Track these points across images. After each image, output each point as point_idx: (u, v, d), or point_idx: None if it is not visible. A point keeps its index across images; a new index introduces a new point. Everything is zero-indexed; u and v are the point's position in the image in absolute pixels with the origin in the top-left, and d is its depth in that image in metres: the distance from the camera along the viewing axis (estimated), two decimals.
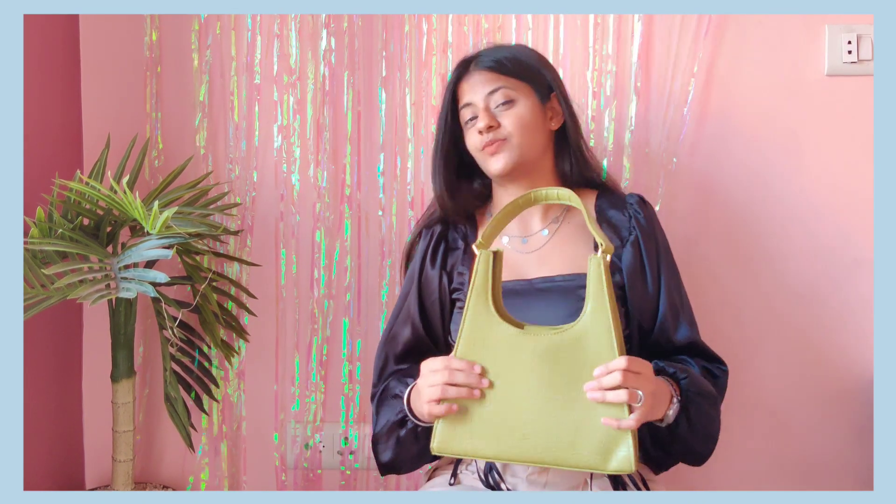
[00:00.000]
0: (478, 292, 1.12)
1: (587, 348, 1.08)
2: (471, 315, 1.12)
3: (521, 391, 1.09)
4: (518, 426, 1.09)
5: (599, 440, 1.07)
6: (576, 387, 1.08)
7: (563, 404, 1.08)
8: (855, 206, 1.62)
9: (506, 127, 1.32)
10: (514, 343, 1.10)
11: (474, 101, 1.34)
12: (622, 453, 1.07)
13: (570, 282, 1.29)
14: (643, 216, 1.35)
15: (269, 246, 1.71)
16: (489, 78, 1.34)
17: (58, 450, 1.66)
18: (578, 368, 1.08)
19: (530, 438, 1.08)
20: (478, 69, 1.35)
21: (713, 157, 1.64)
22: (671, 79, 1.63)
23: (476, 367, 1.11)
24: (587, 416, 1.07)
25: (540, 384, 1.08)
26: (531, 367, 1.09)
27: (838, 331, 1.64)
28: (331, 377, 1.72)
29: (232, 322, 1.65)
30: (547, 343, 1.09)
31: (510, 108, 1.33)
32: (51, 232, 1.40)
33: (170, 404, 1.61)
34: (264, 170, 1.70)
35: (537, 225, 1.37)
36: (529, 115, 1.33)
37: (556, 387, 1.08)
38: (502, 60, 1.35)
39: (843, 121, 1.61)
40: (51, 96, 1.62)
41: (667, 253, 1.35)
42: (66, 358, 1.70)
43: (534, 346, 1.10)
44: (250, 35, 1.68)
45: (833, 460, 1.66)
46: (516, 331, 1.11)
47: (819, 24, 1.61)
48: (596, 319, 1.09)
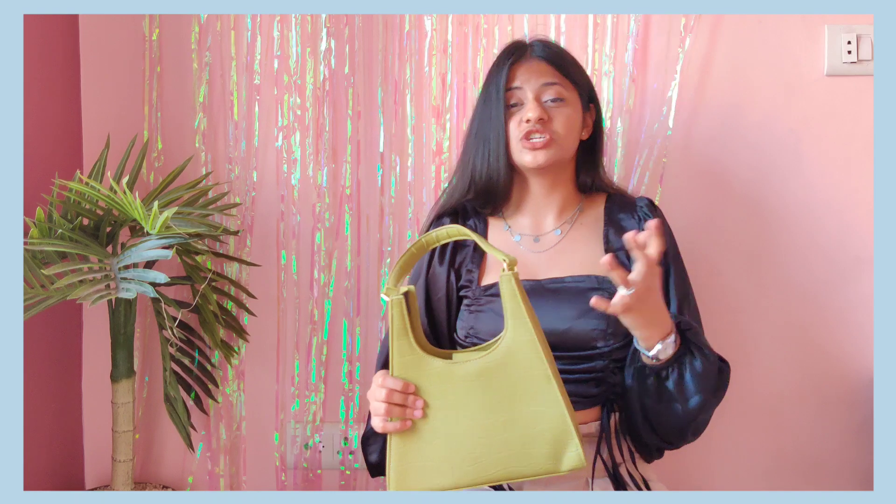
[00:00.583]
0: (398, 336, 1.12)
1: (516, 364, 1.09)
2: (397, 359, 1.12)
3: (462, 419, 1.10)
4: (468, 452, 1.10)
5: (547, 447, 1.09)
6: (513, 404, 1.09)
7: (506, 423, 1.09)
8: (855, 206, 1.62)
9: (554, 124, 1.29)
10: (444, 374, 1.11)
11: (525, 87, 1.30)
12: (571, 453, 1.09)
13: (580, 283, 1.29)
14: (652, 219, 1.34)
15: (269, 246, 1.71)
16: (546, 70, 1.31)
17: (58, 450, 1.66)
18: (512, 386, 1.09)
19: (482, 460, 1.10)
20: (535, 57, 1.32)
21: (713, 156, 1.64)
22: (671, 79, 1.63)
23: (410, 386, 1.11)
24: (530, 428, 1.09)
25: (479, 408, 1.10)
26: (466, 393, 1.10)
27: (838, 330, 1.64)
28: (331, 377, 1.72)
29: (232, 322, 1.65)
30: (476, 368, 1.10)
31: (561, 108, 1.30)
32: (51, 232, 1.40)
33: (169, 404, 1.61)
34: (264, 170, 1.70)
35: (550, 224, 1.36)
36: (575, 118, 1.32)
37: (495, 408, 1.09)
38: (563, 56, 1.33)
39: (843, 121, 1.62)
40: (51, 96, 1.62)
41: (676, 257, 1.35)
42: (66, 358, 1.70)
43: (464, 373, 1.10)
44: (250, 35, 1.68)
45: (833, 460, 1.66)
46: (444, 362, 1.11)
47: (819, 24, 1.61)
48: (518, 335, 1.10)
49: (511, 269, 1.10)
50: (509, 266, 1.10)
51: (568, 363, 1.26)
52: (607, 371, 1.26)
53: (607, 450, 1.26)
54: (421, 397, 1.11)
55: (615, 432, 1.28)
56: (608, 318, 1.25)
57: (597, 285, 1.28)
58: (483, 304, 1.31)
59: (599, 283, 1.28)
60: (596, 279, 1.29)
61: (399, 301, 1.12)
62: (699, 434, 1.29)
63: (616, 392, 1.28)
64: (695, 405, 1.22)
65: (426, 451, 1.12)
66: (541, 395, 1.09)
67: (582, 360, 1.26)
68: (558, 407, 1.09)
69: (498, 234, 1.37)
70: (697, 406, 1.22)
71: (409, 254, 1.17)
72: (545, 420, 1.08)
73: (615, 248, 1.31)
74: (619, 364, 1.27)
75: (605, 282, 1.28)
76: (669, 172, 1.64)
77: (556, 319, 1.24)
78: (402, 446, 1.13)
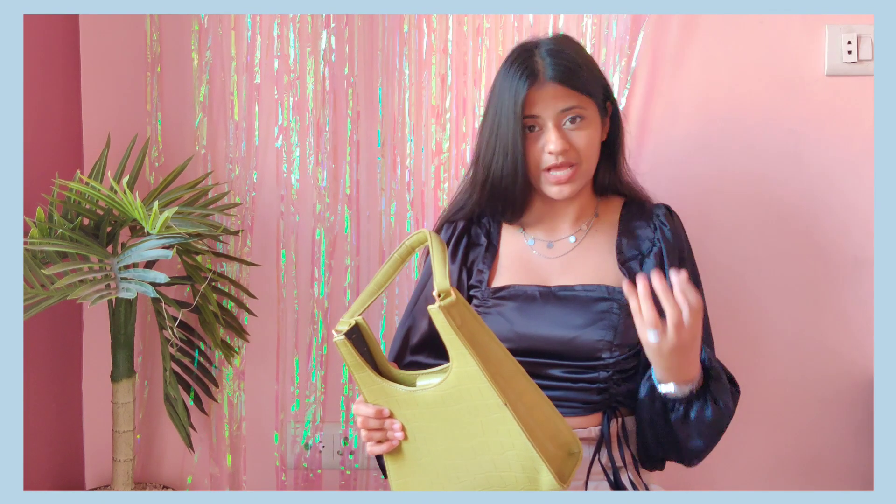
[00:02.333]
0: (355, 371, 1.10)
1: (469, 395, 1.06)
2: (364, 390, 1.11)
3: (438, 440, 1.09)
4: (449, 471, 1.10)
5: (520, 473, 1.06)
6: (476, 432, 1.06)
7: (474, 447, 1.07)
8: (855, 206, 1.62)
9: (578, 149, 1.24)
10: (408, 401, 1.10)
11: (543, 115, 1.24)
12: (544, 478, 1.05)
13: (590, 293, 1.27)
14: (669, 228, 1.32)
15: (269, 246, 1.71)
16: (562, 93, 1.23)
17: (58, 450, 1.66)
18: (471, 415, 1.06)
19: (464, 480, 1.09)
20: (550, 80, 1.23)
21: (713, 156, 1.64)
22: (670, 78, 1.63)
23: (384, 411, 1.10)
24: (499, 455, 1.06)
25: (447, 434, 1.09)
26: (433, 418, 1.09)
27: (838, 330, 1.64)
28: (331, 377, 1.72)
29: (232, 322, 1.65)
30: (434, 396, 1.08)
31: (582, 129, 1.25)
32: (51, 232, 1.40)
33: (169, 404, 1.61)
34: (264, 170, 1.70)
35: (566, 230, 1.34)
36: (595, 135, 1.27)
37: (462, 434, 1.07)
38: (575, 72, 1.24)
39: (843, 121, 1.61)
40: (51, 96, 1.62)
41: (691, 268, 1.32)
42: (66, 358, 1.70)
43: (424, 401, 1.08)
44: (250, 35, 1.68)
45: (833, 460, 1.66)
46: (406, 390, 1.10)
47: (819, 24, 1.61)
48: (461, 366, 1.05)
49: (444, 300, 1.03)
50: (440, 296, 1.03)
51: (571, 371, 1.25)
52: (610, 382, 1.25)
53: (607, 454, 1.25)
54: (396, 420, 1.10)
55: (617, 438, 1.27)
56: (615, 329, 1.24)
57: (607, 295, 1.27)
58: (490, 306, 1.30)
59: (609, 294, 1.27)
60: (606, 289, 1.27)
61: (343, 342, 1.10)
62: (701, 460, 1.27)
63: (618, 400, 1.28)
64: (693, 447, 1.21)
65: (416, 469, 1.12)
66: (500, 424, 1.05)
67: (586, 369, 1.25)
68: (519, 436, 1.04)
69: (511, 237, 1.36)
70: (696, 449, 1.21)
71: (385, 274, 1.13)
72: (510, 448, 1.05)
73: (627, 258, 1.30)
74: (623, 375, 1.27)
75: (615, 292, 1.26)
76: (669, 173, 1.64)
77: (564, 327, 1.23)
78: (394, 465, 1.13)
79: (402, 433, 1.10)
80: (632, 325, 1.23)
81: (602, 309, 1.26)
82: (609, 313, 1.25)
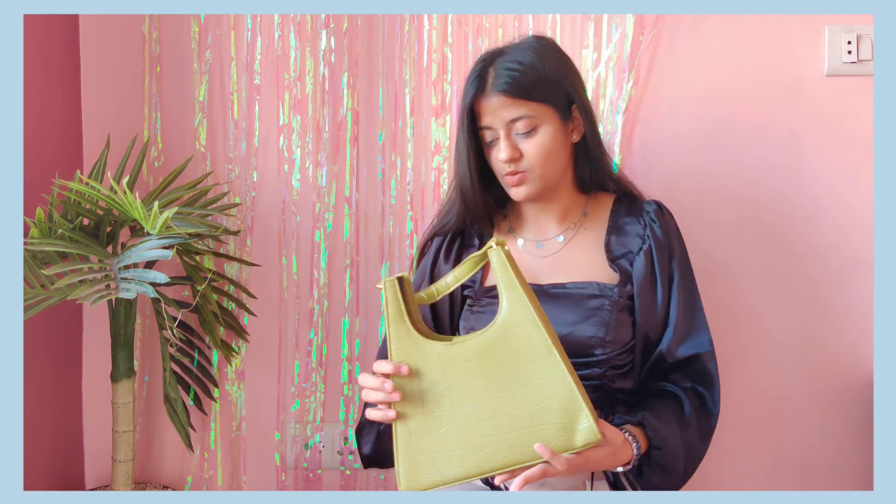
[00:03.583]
0: (394, 320, 1.09)
1: (515, 337, 1.07)
2: (395, 345, 1.09)
3: (467, 402, 1.07)
4: (477, 438, 1.07)
5: (557, 421, 1.05)
6: (516, 380, 1.06)
7: (511, 399, 1.06)
8: (855, 206, 1.62)
9: (528, 157, 1.26)
10: (445, 356, 1.08)
11: (494, 125, 1.27)
12: (583, 426, 1.05)
13: (581, 290, 1.28)
14: (658, 225, 1.32)
15: (269, 246, 1.71)
16: (508, 103, 1.25)
17: (58, 450, 1.66)
18: (513, 360, 1.06)
19: (491, 445, 1.07)
20: (496, 91, 1.25)
21: (713, 156, 1.64)
22: (670, 78, 1.63)
23: (403, 368, 1.09)
24: (537, 403, 1.06)
25: (483, 387, 1.07)
26: (468, 373, 1.07)
27: (838, 330, 1.64)
28: (331, 377, 1.72)
29: (232, 322, 1.65)
30: (475, 346, 1.07)
31: (532, 137, 1.26)
32: (51, 232, 1.40)
33: (169, 404, 1.61)
34: (264, 170, 1.70)
35: (553, 230, 1.35)
36: (551, 142, 1.27)
37: (498, 384, 1.07)
38: (522, 83, 1.24)
39: (843, 121, 1.61)
40: (51, 96, 1.62)
41: (683, 264, 1.33)
42: (66, 358, 1.70)
43: (464, 352, 1.08)
44: (250, 35, 1.68)
45: (833, 460, 1.66)
46: (443, 344, 1.09)
47: (819, 24, 1.61)
48: (513, 307, 1.07)
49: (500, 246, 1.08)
50: (498, 243, 1.08)
51: None
52: (605, 378, 1.26)
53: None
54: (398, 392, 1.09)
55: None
56: (607, 325, 1.25)
57: (598, 292, 1.28)
58: (484, 304, 1.31)
59: (601, 291, 1.28)
60: (598, 286, 1.28)
61: (392, 283, 1.09)
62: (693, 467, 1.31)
63: (616, 398, 1.28)
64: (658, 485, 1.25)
65: (434, 442, 1.08)
66: (543, 366, 1.06)
67: (579, 366, 1.24)
68: (563, 377, 1.05)
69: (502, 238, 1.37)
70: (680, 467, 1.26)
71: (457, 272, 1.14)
72: (551, 393, 1.05)
73: (616, 256, 1.31)
74: (617, 371, 1.27)
75: (606, 289, 1.28)
76: (668, 172, 1.64)
77: (557, 324, 1.23)
78: (409, 439, 1.09)
79: (398, 395, 1.08)
80: (623, 322, 1.26)
81: (594, 306, 1.27)
82: (601, 310, 1.26)
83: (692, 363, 1.30)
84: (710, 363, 1.30)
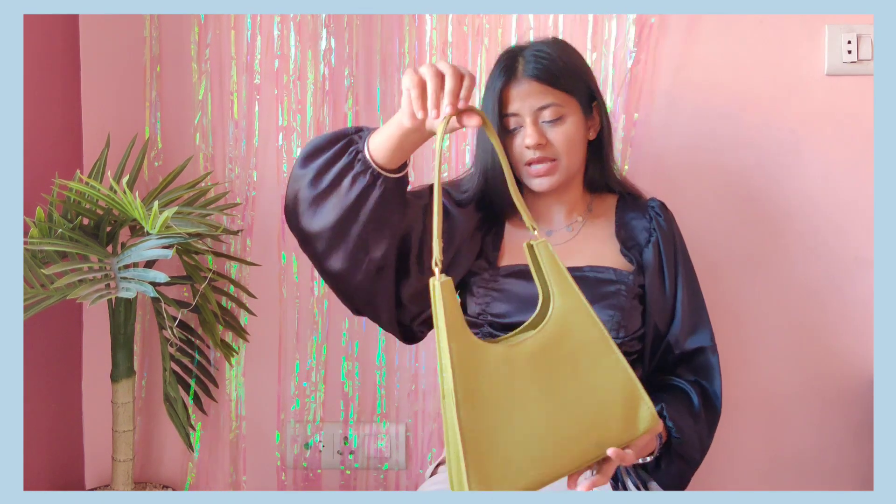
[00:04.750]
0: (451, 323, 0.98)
1: (572, 332, 1.04)
2: (456, 351, 0.98)
3: (533, 405, 1.02)
4: (547, 441, 1.01)
5: (621, 411, 1.04)
6: (579, 375, 1.04)
7: (576, 396, 1.03)
8: (855, 206, 1.62)
9: (555, 145, 1.26)
10: (507, 359, 1.01)
11: (521, 112, 1.26)
12: (644, 412, 1.05)
13: (599, 274, 1.29)
14: (663, 219, 1.35)
15: (269, 246, 1.71)
16: (539, 90, 1.26)
17: (58, 450, 1.66)
18: (573, 356, 1.04)
19: (562, 445, 1.02)
20: (527, 77, 1.26)
21: (713, 156, 1.64)
22: (670, 78, 1.63)
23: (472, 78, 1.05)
24: (601, 395, 1.04)
25: (547, 387, 1.02)
26: (531, 375, 1.02)
27: (838, 330, 1.64)
28: (331, 377, 1.72)
29: (232, 322, 1.65)
30: (534, 345, 1.03)
31: (559, 125, 1.26)
32: (51, 232, 1.40)
33: (169, 404, 1.61)
34: (264, 170, 1.70)
35: (561, 223, 1.36)
36: (576, 133, 1.28)
37: (563, 383, 1.03)
38: (553, 70, 1.26)
39: (843, 121, 1.62)
40: (51, 96, 1.62)
41: (685, 259, 1.35)
42: (66, 358, 1.70)
43: (523, 354, 1.02)
44: (250, 35, 1.68)
45: (833, 460, 1.66)
46: (504, 346, 1.03)
47: (819, 24, 1.61)
48: (567, 301, 1.05)
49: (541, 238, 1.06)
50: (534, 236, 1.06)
51: None
52: None
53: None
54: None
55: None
56: (623, 309, 1.27)
57: (615, 277, 1.29)
58: (501, 284, 1.31)
59: (618, 276, 1.29)
60: (614, 272, 1.29)
61: (449, 283, 0.99)
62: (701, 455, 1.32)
63: None
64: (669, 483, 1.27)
65: (503, 451, 1.00)
66: (603, 358, 1.04)
67: None
68: (622, 367, 1.04)
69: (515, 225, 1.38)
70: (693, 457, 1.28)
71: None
72: (613, 384, 1.04)
73: (627, 247, 1.32)
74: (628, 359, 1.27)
75: (622, 275, 1.29)
76: (669, 172, 1.64)
77: None
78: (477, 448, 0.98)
79: (464, 102, 1.04)
80: (635, 309, 1.28)
81: (611, 290, 1.28)
82: (617, 295, 1.28)
83: (697, 356, 1.32)
84: (713, 357, 1.33)
